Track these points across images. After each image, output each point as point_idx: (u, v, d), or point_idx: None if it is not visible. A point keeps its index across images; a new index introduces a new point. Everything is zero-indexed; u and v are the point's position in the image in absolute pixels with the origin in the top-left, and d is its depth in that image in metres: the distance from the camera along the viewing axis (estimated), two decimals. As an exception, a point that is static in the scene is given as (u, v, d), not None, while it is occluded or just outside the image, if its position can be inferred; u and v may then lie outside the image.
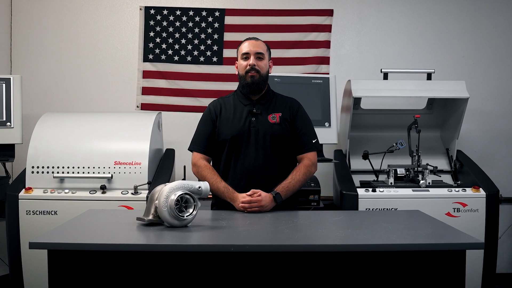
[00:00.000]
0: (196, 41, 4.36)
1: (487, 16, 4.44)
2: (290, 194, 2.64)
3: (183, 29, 4.36)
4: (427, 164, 3.56)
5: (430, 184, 3.48)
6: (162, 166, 3.65)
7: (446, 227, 2.22)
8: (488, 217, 3.38)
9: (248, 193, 2.55)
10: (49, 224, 3.08)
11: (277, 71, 3.86)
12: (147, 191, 3.28)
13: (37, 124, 3.50)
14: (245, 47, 2.71)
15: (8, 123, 3.61)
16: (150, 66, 4.36)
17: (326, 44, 4.37)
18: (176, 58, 4.37)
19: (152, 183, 3.33)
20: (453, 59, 4.43)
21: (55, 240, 1.94)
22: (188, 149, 2.79)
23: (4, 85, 3.64)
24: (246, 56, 2.70)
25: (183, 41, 4.36)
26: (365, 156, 3.63)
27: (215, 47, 4.37)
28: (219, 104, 2.80)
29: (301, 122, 2.75)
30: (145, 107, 4.36)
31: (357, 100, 3.84)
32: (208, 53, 4.37)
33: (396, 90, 3.73)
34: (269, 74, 2.80)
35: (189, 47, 4.36)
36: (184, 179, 3.57)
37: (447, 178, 3.80)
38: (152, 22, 4.35)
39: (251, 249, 1.92)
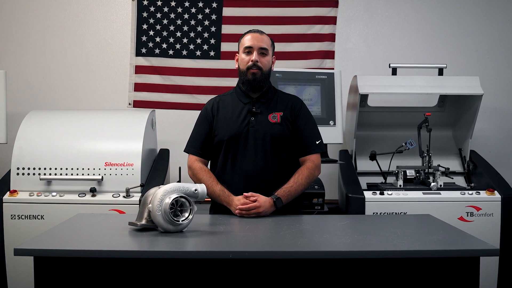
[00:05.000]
0: (192, 34, 4.36)
1: (501, 8, 4.44)
2: (292, 199, 2.63)
3: (178, 21, 4.36)
4: (439, 165, 3.56)
5: (442, 186, 3.48)
6: (156, 168, 3.65)
7: (459, 233, 2.23)
8: (504, 222, 3.39)
9: (244, 195, 2.53)
10: (35, 229, 3.08)
11: (278, 66, 3.85)
12: (140, 194, 3.28)
13: (23, 123, 3.50)
14: (248, 40, 2.69)
15: (-8, 122, 3.62)
16: (143, 61, 4.36)
17: (331, 37, 4.37)
18: (170, 52, 4.36)
19: (145, 186, 3.33)
20: (466, 54, 4.43)
21: (42, 246, 1.94)
22: (184, 151, 2.80)
23: (-13, 81, 3.64)
24: (248, 50, 2.68)
25: (178, 34, 4.36)
26: (373, 157, 3.63)
27: (212, 41, 4.37)
28: (216, 102, 2.80)
29: (303, 122, 2.73)
30: (137, 104, 4.35)
31: (364, 97, 3.84)
32: (205, 47, 4.37)
33: (406, 86, 3.73)
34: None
35: (185, 40, 4.36)
36: (179, 181, 3.57)
37: (460, 180, 3.80)
38: (145, 14, 4.35)
39: (250, 256, 1.92)
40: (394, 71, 3.82)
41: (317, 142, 2.74)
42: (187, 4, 4.35)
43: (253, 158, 2.66)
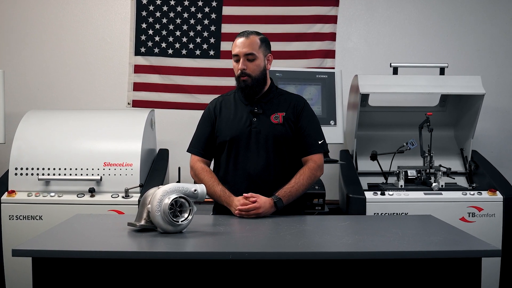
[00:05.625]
0: (191, 33, 4.36)
1: (503, 7, 4.44)
2: (293, 200, 2.63)
3: (178, 20, 4.35)
4: (440, 166, 3.56)
5: (443, 187, 3.48)
6: (155, 168, 3.65)
7: (460, 233, 2.23)
8: (506, 222, 3.39)
9: (243, 195, 2.54)
10: (33, 230, 3.07)
11: (279, 65, 3.86)
12: (139, 194, 3.28)
13: (21, 123, 3.50)
14: (235, 48, 2.68)
15: (-10, 122, 3.62)
16: (142, 60, 4.36)
17: (332, 37, 4.36)
18: (170, 51, 4.36)
19: (145, 186, 3.33)
20: (468, 53, 4.43)
21: (40, 247, 1.94)
22: (187, 151, 2.80)
23: (-15, 80, 3.64)
24: (236, 58, 2.68)
25: (178, 33, 4.36)
26: (373, 157, 3.63)
27: (212, 40, 4.36)
28: (219, 102, 2.80)
29: (306, 122, 2.72)
30: (136, 104, 4.36)
31: (365, 97, 3.83)
32: (205, 46, 4.37)
33: (407, 86, 3.73)
34: (270, 69, 2.79)
35: (184, 39, 4.36)
36: (179, 181, 3.57)
37: (462, 181, 3.80)
38: (144, 13, 4.35)
39: (250, 257, 1.92)
40: (395, 71, 3.82)
41: (319, 142, 2.73)
42: (186, 3, 4.35)
43: (256, 158, 2.66)
